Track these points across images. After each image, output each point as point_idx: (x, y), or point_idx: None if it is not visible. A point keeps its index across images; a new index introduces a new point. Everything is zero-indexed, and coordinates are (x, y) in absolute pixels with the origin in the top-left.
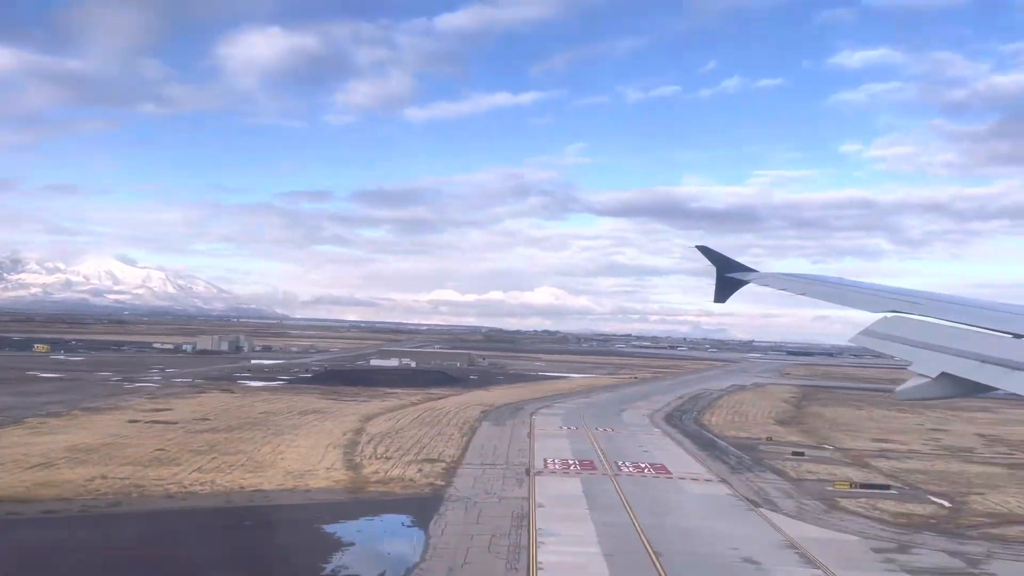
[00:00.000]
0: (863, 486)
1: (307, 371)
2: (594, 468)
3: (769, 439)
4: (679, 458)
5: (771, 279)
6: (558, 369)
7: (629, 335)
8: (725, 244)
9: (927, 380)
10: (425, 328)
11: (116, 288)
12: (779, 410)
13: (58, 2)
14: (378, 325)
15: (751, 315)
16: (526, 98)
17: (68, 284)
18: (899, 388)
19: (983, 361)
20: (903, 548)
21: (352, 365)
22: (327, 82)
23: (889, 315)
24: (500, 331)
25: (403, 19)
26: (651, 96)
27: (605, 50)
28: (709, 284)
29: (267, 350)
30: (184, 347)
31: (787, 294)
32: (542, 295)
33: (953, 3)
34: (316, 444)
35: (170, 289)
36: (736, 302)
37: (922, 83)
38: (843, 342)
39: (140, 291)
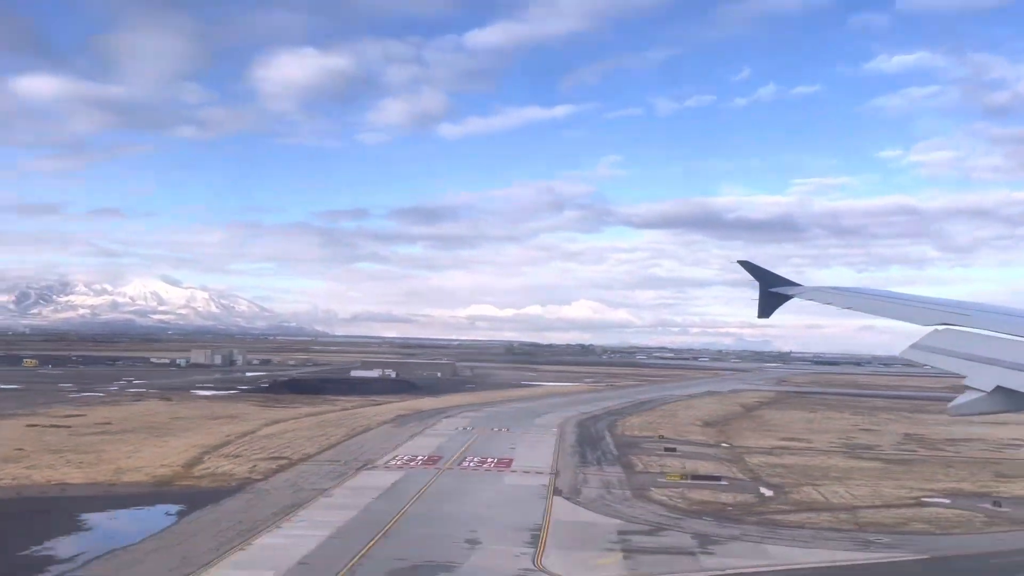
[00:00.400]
0: (695, 477)
1: (272, 382)
2: (433, 463)
3: (661, 437)
4: (538, 454)
5: (815, 293)
6: (544, 379)
7: (663, 348)
8: (766, 254)
9: (981, 394)
10: (457, 343)
11: (161, 308)
12: (723, 413)
13: (97, 29)
14: (413, 341)
15: (796, 326)
16: (558, 112)
17: (115, 305)
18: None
19: None
20: (654, 531)
21: (327, 375)
22: (361, 101)
23: (940, 328)
24: (534, 345)
25: (433, 37)
26: (684, 106)
27: (636, 62)
28: (751, 295)
29: (265, 363)
30: (178, 361)
31: (832, 307)
32: (580, 309)
33: (989, 4)
34: (185, 445)
35: (213, 308)
36: (781, 313)
37: (963, 86)
38: (888, 353)
39: (184, 311)
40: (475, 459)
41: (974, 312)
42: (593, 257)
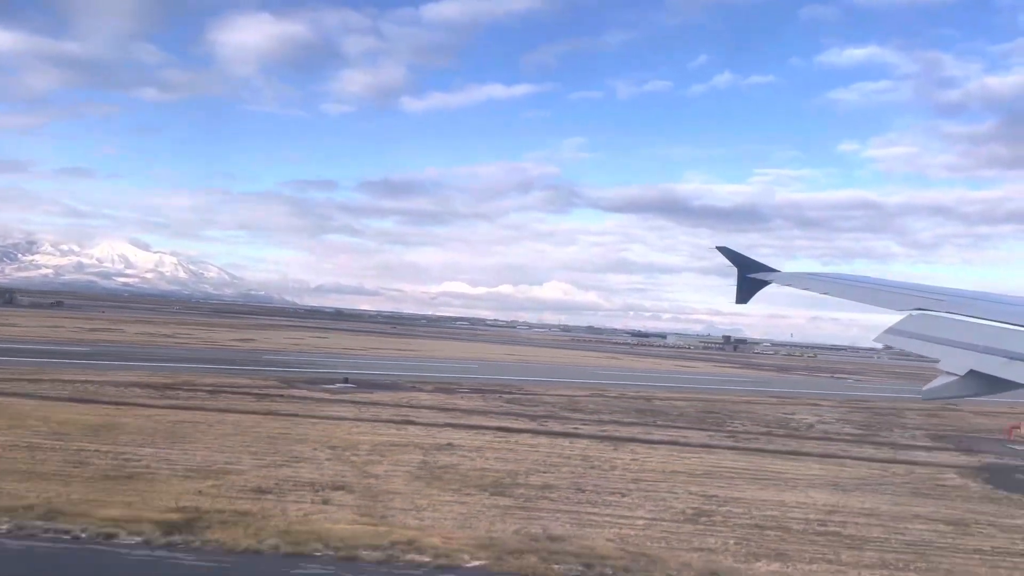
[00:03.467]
0: None
1: None
2: None
3: None
4: None
5: (793, 279)
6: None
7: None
8: (732, 243)
9: (955, 378)
10: (423, 317)
11: (128, 272)
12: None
13: None
14: (378, 315)
15: (763, 315)
16: (520, 90)
17: (80, 266)
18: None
19: (1011, 358)
20: None
21: None
22: (322, 71)
23: (915, 313)
24: (484, 321)
25: (390, 8)
26: (644, 91)
27: (594, 44)
28: (722, 283)
29: None
30: None
31: (807, 296)
32: (551, 290)
33: (938, 2)
34: None
35: (181, 274)
36: (755, 302)
37: (915, 82)
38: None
39: (151, 275)
40: None
41: (948, 297)
42: (563, 238)
